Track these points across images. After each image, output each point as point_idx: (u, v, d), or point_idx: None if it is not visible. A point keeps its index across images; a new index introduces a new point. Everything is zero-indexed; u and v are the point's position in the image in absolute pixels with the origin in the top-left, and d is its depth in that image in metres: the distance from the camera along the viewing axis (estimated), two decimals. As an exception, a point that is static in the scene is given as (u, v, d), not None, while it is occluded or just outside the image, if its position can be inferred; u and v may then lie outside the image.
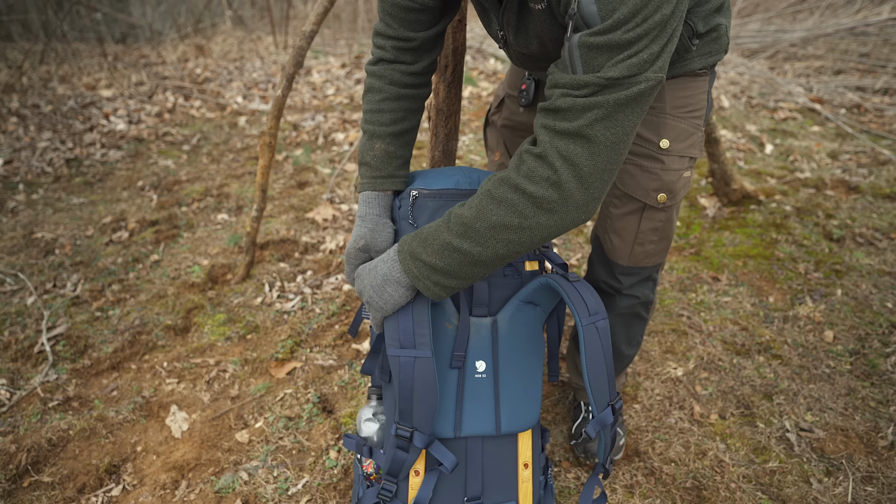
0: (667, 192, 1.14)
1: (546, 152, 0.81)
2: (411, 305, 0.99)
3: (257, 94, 4.70)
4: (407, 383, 0.96)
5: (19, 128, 3.81)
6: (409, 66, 1.09)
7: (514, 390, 1.13)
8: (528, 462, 1.15)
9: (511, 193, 0.84)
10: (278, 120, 1.96)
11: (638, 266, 1.24)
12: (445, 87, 1.35)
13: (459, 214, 0.89)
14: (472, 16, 6.74)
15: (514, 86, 1.37)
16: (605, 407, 1.02)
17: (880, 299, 2.00)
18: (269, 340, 1.91)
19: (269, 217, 2.70)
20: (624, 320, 1.33)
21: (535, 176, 0.82)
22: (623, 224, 1.20)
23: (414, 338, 0.97)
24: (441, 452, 1.02)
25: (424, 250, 0.91)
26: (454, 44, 1.32)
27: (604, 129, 0.78)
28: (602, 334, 1.01)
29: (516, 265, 1.17)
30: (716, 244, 2.39)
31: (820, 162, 3.13)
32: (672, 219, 1.19)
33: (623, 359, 1.42)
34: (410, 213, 1.13)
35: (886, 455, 1.44)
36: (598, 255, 1.29)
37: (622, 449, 1.45)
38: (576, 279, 1.07)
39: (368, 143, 1.12)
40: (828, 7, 5.67)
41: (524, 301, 1.15)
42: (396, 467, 1.03)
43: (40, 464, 1.49)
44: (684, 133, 1.11)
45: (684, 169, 1.14)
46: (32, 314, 2.05)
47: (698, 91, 1.12)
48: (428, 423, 0.99)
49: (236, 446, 1.52)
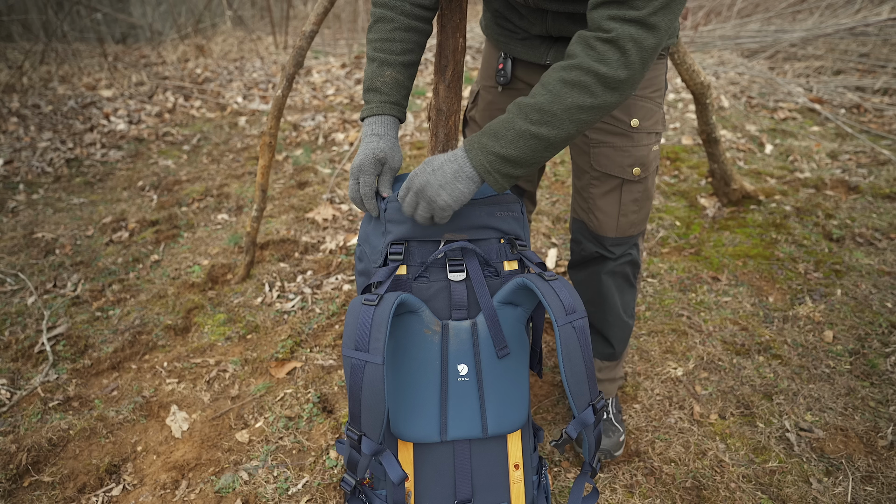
0: (640, 166, 1.26)
1: (619, 37, 0.88)
2: (373, 308, 0.99)
3: (257, 94, 4.70)
4: (356, 387, 0.96)
5: (20, 128, 3.82)
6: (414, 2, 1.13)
7: (499, 392, 1.12)
8: (519, 463, 1.15)
9: (584, 76, 0.91)
10: (278, 120, 1.96)
11: (625, 236, 1.33)
12: (445, 86, 1.35)
13: (532, 103, 0.94)
14: (473, 16, 6.74)
15: (489, 75, 1.38)
16: (586, 407, 1.01)
17: (880, 299, 2.00)
18: (269, 340, 1.92)
19: (269, 217, 2.71)
20: (616, 283, 1.39)
21: (608, 59, 0.89)
22: (606, 201, 1.29)
23: (369, 342, 0.96)
24: (390, 463, 1.01)
25: (497, 143, 0.95)
26: (454, 44, 1.32)
27: (663, 16, 0.88)
28: (580, 333, 1.00)
29: (495, 266, 1.15)
30: (716, 244, 2.39)
31: (820, 162, 3.13)
32: (648, 189, 1.31)
33: (625, 327, 1.45)
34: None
35: (886, 455, 1.44)
36: (585, 233, 1.37)
37: (622, 446, 1.45)
38: (552, 278, 1.06)
39: (379, 69, 1.14)
40: (827, 7, 5.67)
41: (503, 302, 1.14)
42: (353, 465, 1.05)
43: (41, 463, 1.49)
44: (650, 112, 1.24)
45: (652, 143, 1.26)
46: (33, 314, 2.05)
47: (659, 73, 1.25)
48: (376, 431, 0.97)
49: (236, 446, 1.53)
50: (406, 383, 1.10)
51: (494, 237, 1.16)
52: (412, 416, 1.10)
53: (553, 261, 2.31)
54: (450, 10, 1.27)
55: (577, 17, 1.09)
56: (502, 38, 1.28)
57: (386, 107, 1.14)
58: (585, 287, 1.41)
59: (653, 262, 2.29)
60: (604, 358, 1.48)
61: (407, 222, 1.11)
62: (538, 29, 1.17)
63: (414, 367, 1.10)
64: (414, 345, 1.10)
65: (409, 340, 1.11)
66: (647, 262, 2.29)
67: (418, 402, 1.10)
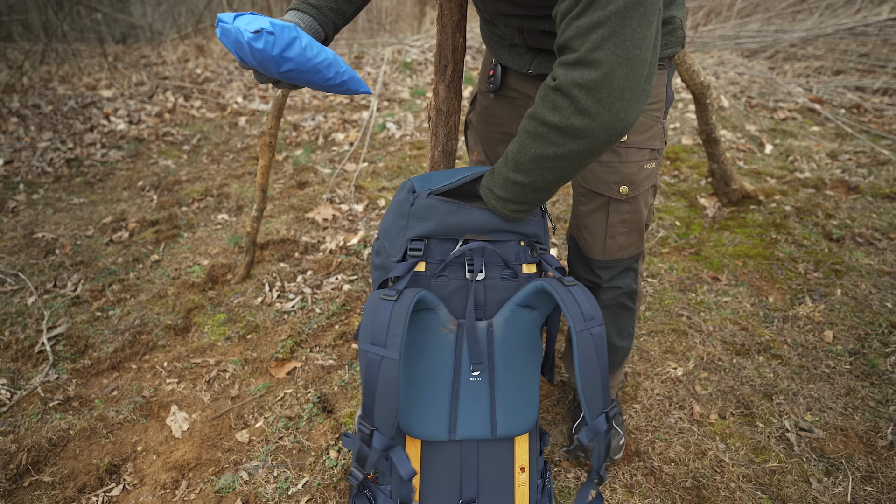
0: (628, 184, 1.17)
1: (561, 84, 0.84)
2: (392, 304, 0.99)
3: (257, 94, 4.70)
4: (371, 381, 0.96)
5: (20, 128, 3.82)
6: None
7: (510, 394, 1.12)
8: (525, 466, 1.15)
9: (539, 127, 0.89)
10: (278, 120, 1.96)
11: (613, 259, 1.27)
12: (445, 87, 1.35)
13: (508, 151, 0.97)
14: (472, 16, 6.74)
15: (484, 80, 1.36)
16: (598, 414, 1.01)
17: (880, 299, 2.00)
18: (269, 340, 1.92)
19: (269, 217, 2.71)
20: (610, 312, 1.34)
21: (558, 107, 0.86)
22: (592, 220, 1.23)
23: (386, 337, 0.96)
24: (400, 459, 1.02)
25: (495, 185, 1.02)
26: (454, 44, 1.32)
27: (613, 48, 0.79)
28: (596, 340, 1.00)
29: (514, 268, 1.15)
30: (716, 244, 2.39)
31: (820, 162, 3.13)
32: (639, 210, 1.22)
33: (617, 352, 1.42)
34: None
35: (886, 455, 1.44)
36: (575, 253, 1.32)
37: (622, 448, 1.45)
38: (572, 283, 1.06)
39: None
40: (827, 7, 5.67)
41: (520, 304, 1.14)
42: (362, 459, 1.04)
43: (41, 463, 1.49)
44: (642, 126, 1.14)
45: (645, 161, 1.17)
46: (33, 314, 2.05)
47: (657, 84, 1.15)
48: (389, 426, 0.97)
49: (236, 446, 1.53)
50: (418, 380, 1.10)
51: (514, 239, 1.14)
52: (422, 413, 1.10)
53: (553, 261, 2.31)
54: (450, 10, 1.27)
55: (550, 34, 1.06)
56: (492, 45, 1.25)
57: (302, 4, 1.03)
58: None
59: (653, 262, 2.29)
60: None
61: (430, 219, 1.09)
62: (518, 40, 1.15)
63: (427, 364, 1.11)
64: (429, 342, 1.11)
65: (425, 337, 1.11)
66: (647, 263, 2.29)
67: (429, 400, 1.10)
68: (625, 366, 1.67)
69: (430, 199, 1.09)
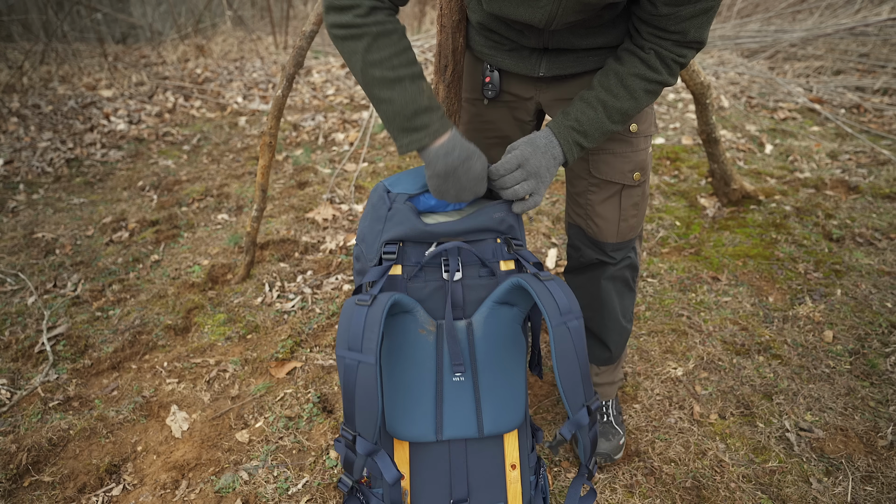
0: (640, 170, 1.27)
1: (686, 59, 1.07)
2: (367, 308, 0.99)
3: (257, 94, 4.70)
4: (350, 387, 0.96)
5: (20, 128, 3.82)
6: (395, 8, 1.07)
7: (494, 392, 1.12)
8: (516, 463, 1.15)
9: (659, 88, 1.10)
10: (278, 120, 1.96)
11: (625, 240, 1.33)
12: (445, 87, 1.35)
13: (619, 107, 1.09)
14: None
15: (473, 87, 1.35)
16: (580, 408, 1.00)
17: (880, 299, 2.00)
18: (269, 340, 1.92)
19: (269, 217, 2.71)
20: (616, 288, 1.38)
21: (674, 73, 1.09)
22: (606, 207, 1.29)
23: (362, 342, 0.96)
24: (384, 463, 1.01)
25: (586, 139, 1.11)
26: (454, 44, 1.32)
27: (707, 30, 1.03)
28: (574, 334, 0.99)
29: (491, 266, 1.15)
30: (716, 244, 2.39)
31: (820, 162, 3.13)
32: (646, 192, 1.32)
33: (623, 332, 1.44)
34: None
35: (886, 455, 1.44)
36: (583, 239, 1.36)
37: (622, 448, 1.45)
38: (548, 278, 1.05)
39: (417, 85, 1.03)
40: (827, 7, 5.67)
41: (498, 302, 1.14)
42: (348, 465, 1.04)
43: (41, 463, 1.49)
44: (645, 115, 1.26)
45: (648, 146, 1.28)
46: (33, 314, 2.05)
47: None
48: (371, 431, 0.97)
49: (236, 446, 1.53)
50: (401, 383, 1.10)
51: (490, 237, 1.16)
52: (407, 415, 1.10)
53: (553, 261, 2.31)
54: (450, 10, 1.27)
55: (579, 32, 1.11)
56: (487, 50, 1.24)
57: (448, 122, 1.07)
58: (584, 292, 1.40)
59: (653, 262, 2.29)
60: (601, 363, 1.47)
61: (404, 223, 1.11)
62: (533, 42, 1.15)
63: (409, 367, 1.10)
64: (409, 345, 1.11)
65: (404, 340, 1.11)
66: (646, 262, 2.29)
67: (414, 402, 1.10)
68: (624, 364, 1.67)
69: (406, 204, 1.12)
